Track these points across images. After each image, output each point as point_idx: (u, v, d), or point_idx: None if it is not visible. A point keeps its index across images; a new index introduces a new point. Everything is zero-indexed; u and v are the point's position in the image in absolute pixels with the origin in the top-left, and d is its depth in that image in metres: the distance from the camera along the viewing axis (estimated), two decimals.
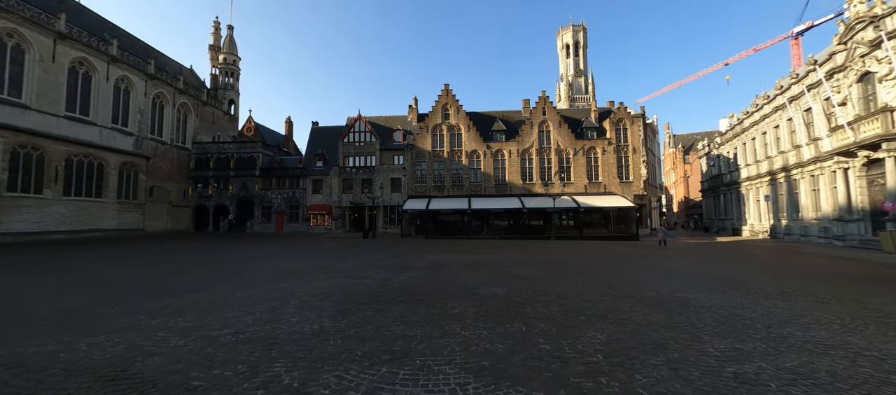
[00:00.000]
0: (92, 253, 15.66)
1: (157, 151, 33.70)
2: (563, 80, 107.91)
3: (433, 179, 35.72)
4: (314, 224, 36.71)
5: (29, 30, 23.89)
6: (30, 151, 23.08)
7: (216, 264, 11.90)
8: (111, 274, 9.86)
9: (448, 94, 36.72)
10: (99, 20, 31.87)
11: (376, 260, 13.08)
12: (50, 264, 11.88)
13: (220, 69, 45.49)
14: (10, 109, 22.83)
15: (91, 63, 27.95)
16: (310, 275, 9.54)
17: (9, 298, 6.93)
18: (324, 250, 17.67)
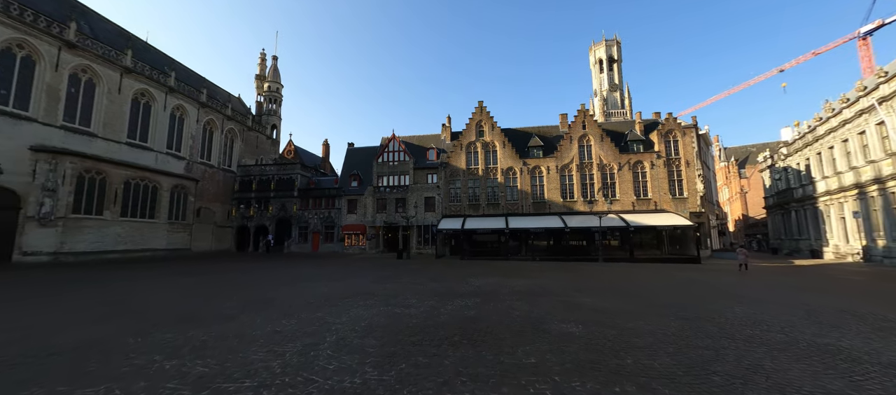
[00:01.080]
0: (138, 272, 15.88)
1: (205, 173, 35.45)
2: (596, 95, 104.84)
3: (468, 198, 34.63)
4: (349, 244, 36.59)
5: (100, 65, 26.20)
6: (94, 176, 24.78)
7: (251, 287, 11.35)
8: (147, 296, 9.50)
9: (482, 111, 36.03)
10: (160, 56, 34.73)
11: (416, 284, 12.00)
12: (95, 284, 11.91)
13: (265, 96, 48.07)
14: (80, 137, 24.78)
15: (151, 94, 30.17)
16: (347, 302, 8.61)
17: (37, 324, 6.52)
18: (359, 271, 16.90)
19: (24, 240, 21.46)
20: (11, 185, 20.91)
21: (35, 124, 22.42)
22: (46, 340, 5.38)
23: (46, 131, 22.98)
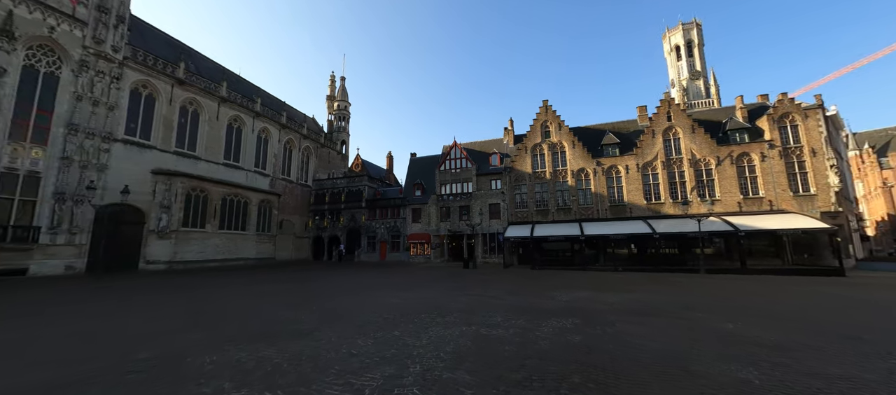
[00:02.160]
0: (230, 279, 17.17)
1: (286, 188, 38.67)
2: (674, 86, 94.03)
3: (535, 204, 32.51)
4: (414, 253, 36.74)
5: (203, 97, 30.09)
6: (198, 193, 28.27)
7: (325, 297, 11.22)
8: (232, 303, 9.76)
9: (547, 110, 33.85)
10: (249, 85, 39.10)
11: (493, 298, 10.82)
12: (192, 289, 12.87)
13: (335, 115, 51.52)
14: (188, 160, 28.53)
15: (242, 119, 33.87)
16: (423, 319, 7.76)
17: (131, 331, 6.71)
18: (428, 282, 16.24)
19: (147, 250, 25.02)
20: (138, 203, 24.61)
21: (154, 151, 26.28)
22: (132, 352, 5.34)
23: (163, 156, 26.79)
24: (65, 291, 13.04)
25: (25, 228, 19.71)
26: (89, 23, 22.74)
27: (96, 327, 7.09)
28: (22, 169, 19.79)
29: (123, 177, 23.33)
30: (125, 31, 24.70)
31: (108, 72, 23.52)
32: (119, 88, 24.24)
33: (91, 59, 22.76)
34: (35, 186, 20.27)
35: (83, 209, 21.77)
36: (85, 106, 22.26)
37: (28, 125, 20.15)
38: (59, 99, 21.36)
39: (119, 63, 24.22)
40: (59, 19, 21.48)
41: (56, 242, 20.74)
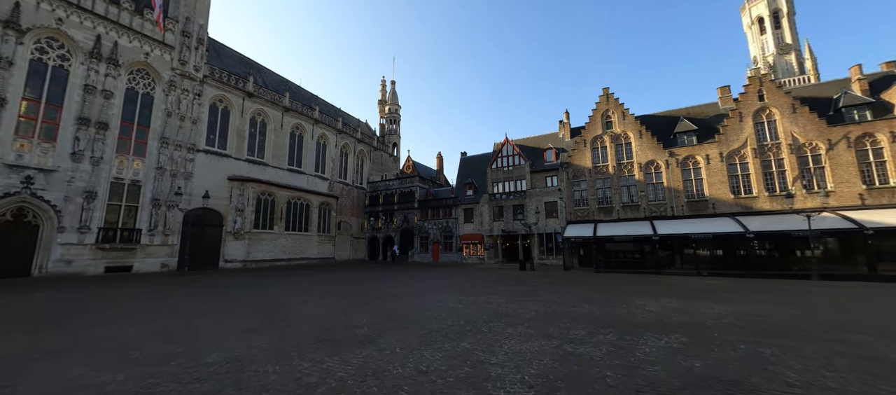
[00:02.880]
0: (294, 279, 17.90)
1: (343, 191, 40.35)
2: (757, 63, 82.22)
3: (597, 201, 30.00)
4: (467, 254, 36.07)
5: (269, 108, 32.42)
6: (267, 197, 30.46)
7: (384, 299, 10.92)
8: (297, 305, 9.81)
9: (609, 98, 31.10)
10: (308, 94, 41.53)
11: (564, 304, 9.66)
12: (262, 288, 13.45)
13: (386, 118, 52.90)
14: (258, 167, 30.87)
15: (303, 126, 35.96)
16: (493, 328, 6.95)
17: (205, 331, 6.79)
18: (487, 284, 15.38)
19: (225, 250, 27.42)
20: (217, 207, 27.05)
21: (230, 159, 28.76)
22: (202, 354, 5.24)
23: (237, 164, 29.23)
24: (159, 286, 14.41)
25: (130, 230, 22.54)
26: (176, 47, 25.50)
27: (176, 325, 7.33)
28: (126, 179, 22.68)
29: (205, 183, 25.77)
30: (204, 52, 27.34)
31: (191, 89, 26.19)
32: (200, 103, 26.87)
33: (178, 79, 25.50)
34: (137, 193, 23.12)
35: (173, 213, 24.41)
36: (174, 121, 24.97)
37: (130, 140, 23.05)
38: (153, 115, 24.19)
39: (200, 81, 26.86)
40: (152, 46, 24.35)
41: (153, 242, 23.46)
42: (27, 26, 19.22)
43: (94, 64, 21.49)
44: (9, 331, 6.69)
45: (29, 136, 19.13)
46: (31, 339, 6.05)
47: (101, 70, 21.75)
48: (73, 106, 20.60)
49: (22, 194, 18.60)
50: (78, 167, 20.47)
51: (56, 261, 19.46)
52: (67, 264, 19.85)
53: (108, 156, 21.82)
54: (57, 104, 20.14)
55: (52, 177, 19.54)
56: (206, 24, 27.80)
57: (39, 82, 19.66)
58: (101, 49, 21.87)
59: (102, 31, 22.08)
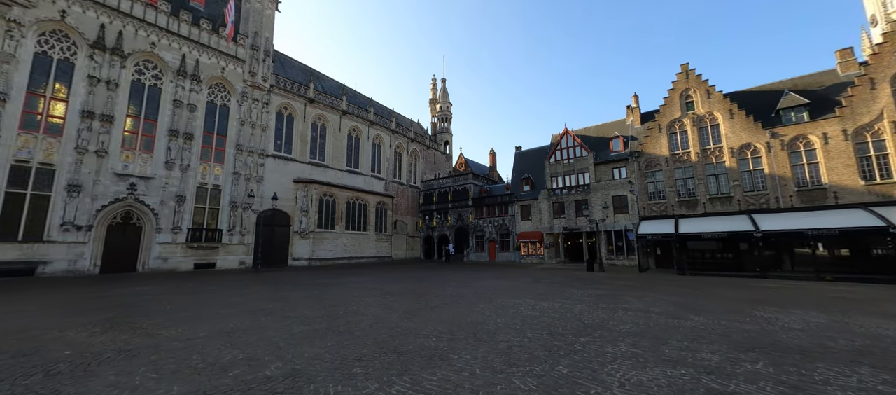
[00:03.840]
0: (356, 278, 17.99)
1: (398, 190, 40.90)
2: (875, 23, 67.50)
3: (677, 193, 26.42)
4: (525, 253, 34.28)
5: (328, 112, 33.82)
6: (328, 198, 31.76)
7: (448, 302, 10.10)
8: (358, 305, 9.39)
9: (689, 75, 27.23)
10: (363, 97, 42.78)
11: (660, 314, 7.98)
12: (323, 287, 13.48)
13: (437, 117, 52.78)
14: (320, 169, 32.33)
15: (359, 128, 37.03)
16: (586, 344, 5.71)
17: (268, 336, 6.47)
18: (556, 286, 13.89)
19: (293, 249, 29.02)
20: (285, 208, 28.71)
21: (295, 162, 30.42)
22: (263, 364, 4.78)
23: (301, 167, 30.83)
24: (236, 283, 15.26)
25: (213, 230, 24.71)
26: (246, 60, 27.51)
27: (244, 325, 7.19)
28: (209, 183, 24.90)
29: (273, 186, 27.45)
30: (270, 63, 29.19)
31: (260, 99, 28.09)
32: (268, 111, 28.73)
33: (249, 89, 27.48)
34: (217, 196, 25.30)
35: (248, 214, 26.33)
36: (246, 129, 26.94)
37: (211, 148, 25.29)
38: (230, 125, 26.32)
39: (267, 90, 28.71)
40: (227, 61, 26.50)
41: (232, 241, 25.51)
42: (128, 51, 21.87)
43: (181, 81, 23.87)
44: (99, 325, 7.00)
45: (132, 148, 21.76)
46: (111, 336, 6.16)
47: (187, 86, 24.10)
48: (165, 120, 23.06)
49: (128, 199, 21.19)
50: (170, 174, 22.86)
51: (155, 258, 21.91)
52: (164, 261, 22.24)
53: (194, 163, 24.10)
54: (153, 119, 22.68)
55: (150, 183, 22.03)
56: (271, 37, 29.66)
57: (139, 100, 22.28)
58: (186, 67, 24.24)
59: (187, 51, 24.46)
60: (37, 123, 18.84)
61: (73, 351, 5.22)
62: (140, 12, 22.55)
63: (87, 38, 20.45)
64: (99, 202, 20.12)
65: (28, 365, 4.53)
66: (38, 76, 18.99)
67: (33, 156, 18.55)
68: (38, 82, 19.04)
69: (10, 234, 17.58)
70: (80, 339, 5.95)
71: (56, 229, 18.74)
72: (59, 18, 19.64)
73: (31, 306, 9.16)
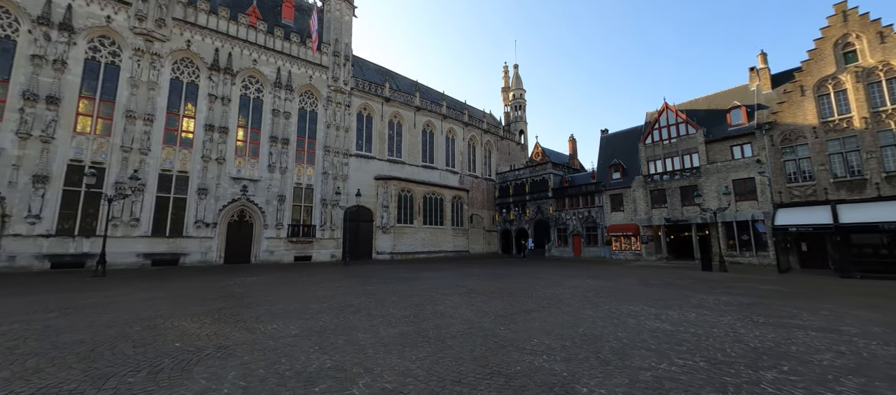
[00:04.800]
0: (437, 273, 17.62)
1: (473, 184, 40.18)
2: None
3: (831, 172, 20.52)
4: (617, 248, 30.54)
5: (403, 109, 34.58)
6: (406, 193, 32.50)
7: (544, 304, 8.78)
8: (445, 305, 8.66)
9: (847, 16, 20.85)
10: (435, 93, 42.91)
11: (863, 337, 5.51)
12: (407, 282, 13.19)
13: (511, 105, 50.55)
14: (397, 166, 33.26)
15: (433, 123, 37.17)
16: (776, 380, 3.98)
17: (362, 344, 5.98)
18: (669, 289, 11.46)
19: (376, 243, 30.34)
20: (367, 204, 30.12)
21: (375, 160, 31.72)
22: (348, 380, 4.17)
23: (380, 164, 32.03)
24: (328, 275, 16.07)
25: (308, 226, 27.00)
26: (329, 67, 29.38)
27: (333, 324, 6.96)
28: (303, 183, 27.24)
29: (357, 184, 28.91)
30: (350, 68, 30.76)
31: (342, 102, 29.80)
32: (349, 113, 30.36)
33: (333, 94, 29.34)
34: (311, 195, 27.55)
35: (336, 211, 28.19)
36: (332, 131, 28.83)
37: (304, 151, 27.61)
38: (318, 128, 28.43)
39: (348, 93, 30.34)
40: (313, 69, 28.62)
41: (324, 236, 27.58)
42: (237, 69, 24.90)
43: (277, 91, 26.43)
44: (209, 315, 7.41)
45: (243, 155, 24.77)
46: (216, 329, 6.32)
47: (282, 96, 26.62)
48: (267, 128, 25.76)
49: (242, 200, 24.20)
50: (272, 176, 25.51)
51: (264, 251, 24.70)
52: (271, 253, 24.95)
53: (291, 166, 26.55)
54: (257, 128, 25.53)
55: (257, 185, 24.85)
56: (350, 42, 31.22)
57: (246, 112, 25.25)
58: (281, 78, 26.76)
59: (281, 64, 26.99)
60: (174, 138, 22.53)
61: (182, 344, 5.34)
62: (244, 34, 25.47)
63: (206, 62, 23.79)
64: (220, 203, 23.33)
65: (140, 358, 4.63)
66: (173, 98, 22.68)
67: (173, 166, 22.23)
68: (174, 104, 22.74)
69: (161, 231, 21.34)
70: (191, 330, 6.22)
71: (191, 226, 22.22)
72: (185, 48, 23.17)
73: (167, 293, 10.48)
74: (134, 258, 20.13)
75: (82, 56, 20.03)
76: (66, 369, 4.22)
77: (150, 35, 21.74)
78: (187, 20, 23.35)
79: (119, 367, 4.31)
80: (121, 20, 21.14)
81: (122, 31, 21.14)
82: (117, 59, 21.05)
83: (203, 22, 23.96)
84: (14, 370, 4.17)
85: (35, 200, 17.93)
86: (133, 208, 20.37)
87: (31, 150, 18.10)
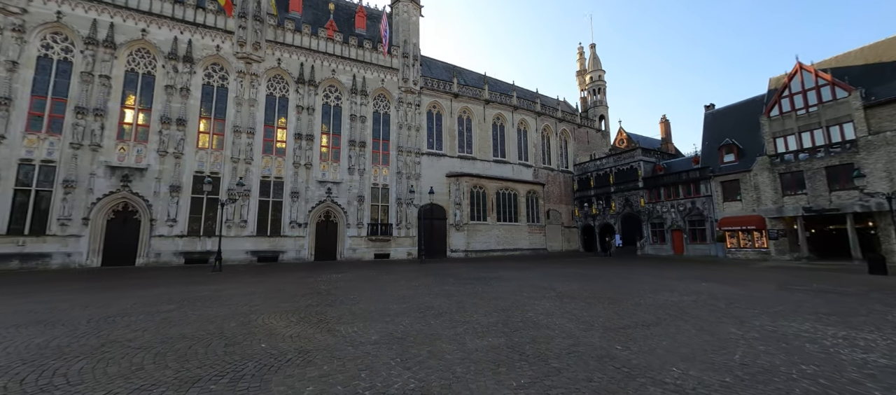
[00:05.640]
0: (516, 272, 16.38)
1: (548, 177, 37.60)
2: None
3: None
4: (733, 246, 25.45)
5: (472, 104, 33.82)
6: (478, 190, 31.68)
7: (667, 319, 7.05)
8: (531, 308, 7.52)
9: None
10: (504, 84, 41.25)
11: None
12: (485, 281, 12.28)
13: (588, 89, 46.21)
14: (468, 162, 32.64)
15: (503, 116, 35.70)
16: None
17: (444, 357, 5.22)
18: (851, 303, 8.53)
19: (450, 241, 30.11)
20: (440, 202, 30.05)
21: (445, 157, 31.54)
22: None
23: (451, 161, 31.74)
24: (406, 273, 16.06)
25: (385, 225, 27.91)
26: (399, 68, 30.00)
27: (415, 329, 6.41)
28: (379, 183, 28.25)
29: (429, 182, 28.99)
30: (418, 67, 31.02)
31: (412, 102, 30.20)
32: (419, 112, 30.64)
33: (403, 95, 29.91)
34: (387, 194, 28.45)
35: (410, 209, 28.66)
36: (404, 131, 29.40)
37: (379, 153, 28.64)
38: (391, 130, 29.25)
39: (418, 93, 30.63)
40: (385, 73, 29.51)
41: (400, 234, 28.24)
42: (318, 80, 26.82)
43: (354, 98, 27.81)
44: (296, 313, 7.46)
45: (327, 159, 26.57)
46: (300, 329, 6.23)
47: (358, 101, 27.94)
48: (346, 133, 27.26)
49: (327, 201, 25.97)
50: (352, 178, 26.91)
51: (347, 249, 26.18)
52: (353, 251, 26.35)
53: (368, 167, 27.73)
54: (337, 133, 27.17)
55: (339, 187, 26.44)
56: (418, 43, 31.49)
57: (328, 119, 27.05)
58: (357, 85, 28.09)
59: (356, 71, 28.35)
60: (271, 148, 25.10)
61: (267, 345, 5.22)
62: (324, 47, 27.33)
63: (293, 76, 26.06)
64: (310, 205, 25.34)
65: (227, 361, 4.52)
66: (268, 112, 25.30)
67: (271, 172, 24.79)
68: (270, 117, 25.35)
69: (263, 231, 23.94)
70: (278, 328, 6.19)
71: (287, 226, 24.53)
72: (277, 65, 25.67)
73: (264, 288, 11.24)
74: (243, 255, 22.89)
75: (200, 82, 23.44)
76: (163, 368, 4.24)
77: (249, 57, 24.53)
78: (277, 41, 25.84)
79: (207, 369, 4.20)
80: (227, 48, 24.25)
81: (228, 57, 24.22)
82: (225, 82, 24.19)
83: (290, 40, 26.29)
84: (122, 365, 4.33)
85: (172, 206, 21.47)
86: (241, 212, 23.19)
87: (167, 165, 21.72)
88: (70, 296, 9.65)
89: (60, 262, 18.90)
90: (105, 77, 20.82)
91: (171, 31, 22.85)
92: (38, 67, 19.90)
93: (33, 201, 18.98)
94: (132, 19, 22.00)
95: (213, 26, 24.04)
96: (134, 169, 20.98)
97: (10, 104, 18.78)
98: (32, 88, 19.61)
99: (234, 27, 24.28)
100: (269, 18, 25.72)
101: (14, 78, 19.04)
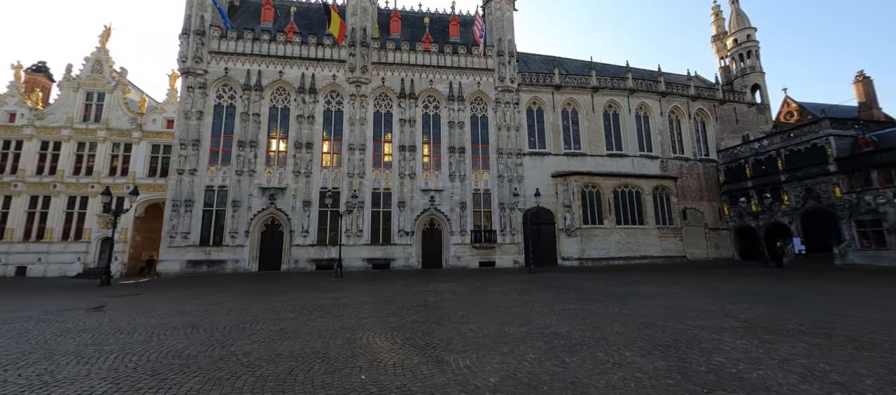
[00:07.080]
0: (651, 286, 13.09)
1: (681, 169, 30.95)
2: None
3: None
4: None
5: (577, 94, 30.31)
6: (591, 189, 27.91)
7: None
8: (728, 363, 5.08)
9: None
10: (614, 67, 36.00)
11: None
12: (618, 299, 9.74)
13: (730, 55, 36.90)
14: (576, 159, 29.17)
15: (616, 102, 31.00)
16: None
17: None
18: None
19: (561, 248, 27.13)
20: (546, 205, 27.39)
21: (550, 156, 28.80)
22: None
23: (557, 160, 28.82)
24: (516, 283, 14.49)
25: (489, 231, 26.77)
26: (495, 68, 28.82)
27: (545, 368, 4.91)
28: (481, 189, 27.35)
29: (533, 183, 26.68)
30: (515, 64, 29.30)
31: (510, 101, 28.57)
32: (518, 111, 28.78)
33: (500, 95, 28.57)
34: (489, 200, 27.35)
35: (515, 214, 26.86)
36: (503, 133, 27.96)
37: (478, 157, 27.83)
38: (489, 132, 28.18)
39: (515, 91, 28.87)
40: (481, 75, 28.72)
41: (505, 241, 26.69)
42: (418, 93, 27.65)
43: (451, 104, 27.75)
44: (401, 332, 6.73)
45: (429, 168, 27.02)
46: (404, 356, 5.39)
47: (455, 107, 27.77)
48: (445, 140, 27.31)
49: (431, 209, 26.28)
50: (453, 185, 26.69)
51: (452, 257, 25.91)
52: (458, 259, 25.94)
53: (468, 173, 27.16)
54: (437, 141, 27.42)
55: (441, 195, 26.49)
56: (513, 38, 29.85)
57: (428, 129, 27.57)
58: (453, 91, 28.01)
59: (452, 78, 28.32)
60: (379, 161, 26.80)
61: (367, 376, 4.41)
62: (421, 60, 28.14)
63: (395, 92, 27.47)
64: (415, 213, 26.02)
65: None
66: (376, 128, 27.14)
67: (380, 184, 26.39)
68: (377, 133, 27.16)
69: (376, 239, 25.51)
70: (381, 353, 5.44)
71: (396, 234, 25.63)
72: (381, 84, 27.46)
73: (375, 297, 11.18)
74: (360, 262, 24.70)
75: (321, 109, 26.59)
76: None
77: (359, 81, 26.81)
78: (381, 61, 27.67)
79: None
80: (340, 75, 27.02)
81: (342, 83, 26.94)
82: (340, 106, 26.92)
83: (391, 59, 27.87)
84: (223, 389, 3.99)
85: (304, 219, 24.61)
86: (357, 222, 25.17)
87: (300, 183, 25.06)
88: (226, 298, 11.16)
89: (231, 267, 23.39)
90: (256, 115, 25.34)
91: (299, 69, 26.60)
92: (214, 113, 25.44)
93: (214, 219, 24.10)
94: (273, 64, 26.36)
95: (329, 58, 27.09)
96: (277, 189, 24.80)
97: (199, 145, 24.36)
98: (212, 130, 25.13)
99: (346, 56, 26.90)
100: (374, 42, 27.75)
101: (201, 124, 24.70)
